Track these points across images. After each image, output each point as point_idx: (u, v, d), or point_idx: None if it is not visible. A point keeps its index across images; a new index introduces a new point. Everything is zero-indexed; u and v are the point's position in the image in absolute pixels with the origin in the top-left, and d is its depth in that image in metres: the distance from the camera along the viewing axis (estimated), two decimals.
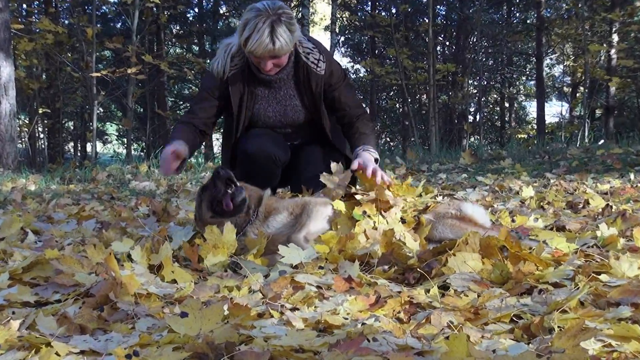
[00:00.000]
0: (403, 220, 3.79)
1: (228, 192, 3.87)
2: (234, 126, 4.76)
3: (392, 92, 30.89)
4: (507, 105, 32.26)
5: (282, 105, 4.73)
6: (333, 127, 4.86)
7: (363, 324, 2.28)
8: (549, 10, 25.06)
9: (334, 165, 4.17)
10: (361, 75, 30.92)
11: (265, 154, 4.59)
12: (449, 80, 26.64)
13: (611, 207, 4.84)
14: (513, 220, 4.40)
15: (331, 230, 3.67)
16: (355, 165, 4.14)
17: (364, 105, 4.82)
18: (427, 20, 20.72)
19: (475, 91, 27.22)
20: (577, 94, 28.25)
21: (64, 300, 2.70)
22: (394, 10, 24.66)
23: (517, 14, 28.62)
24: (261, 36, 4.19)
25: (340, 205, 3.82)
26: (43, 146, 21.17)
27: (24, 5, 21.48)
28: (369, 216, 3.71)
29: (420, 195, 4.16)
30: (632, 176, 7.31)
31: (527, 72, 30.81)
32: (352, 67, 31.64)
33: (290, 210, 3.96)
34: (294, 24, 4.32)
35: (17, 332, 2.20)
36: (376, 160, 4.39)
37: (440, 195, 4.11)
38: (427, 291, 2.70)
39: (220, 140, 5.07)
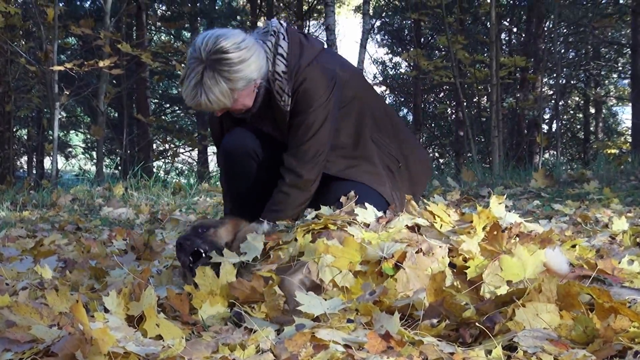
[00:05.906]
0: (453, 265, 3.80)
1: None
2: None
3: (442, 94, 30.91)
4: (592, 111, 32.09)
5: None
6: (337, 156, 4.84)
7: None
8: None
9: (343, 199, 4.30)
10: (402, 70, 30.93)
11: (241, 146, 4.75)
12: (517, 78, 26.53)
13: None
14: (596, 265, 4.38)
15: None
16: None
17: (304, 163, 4.57)
18: (489, 0, 20.72)
19: (552, 93, 27.09)
20: None
21: None
22: None
23: None
24: (187, 87, 4.29)
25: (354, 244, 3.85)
26: None
27: None
28: (403, 268, 3.68)
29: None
30: None
31: (620, 68, 30.63)
32: (391, 59, 31.63)
33: None
34: (240, 70, 4.26)
35: None
36: None
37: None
38: (489, 352, 2.71)
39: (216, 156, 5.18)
